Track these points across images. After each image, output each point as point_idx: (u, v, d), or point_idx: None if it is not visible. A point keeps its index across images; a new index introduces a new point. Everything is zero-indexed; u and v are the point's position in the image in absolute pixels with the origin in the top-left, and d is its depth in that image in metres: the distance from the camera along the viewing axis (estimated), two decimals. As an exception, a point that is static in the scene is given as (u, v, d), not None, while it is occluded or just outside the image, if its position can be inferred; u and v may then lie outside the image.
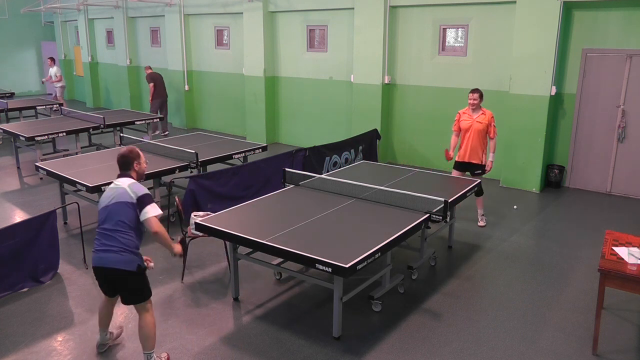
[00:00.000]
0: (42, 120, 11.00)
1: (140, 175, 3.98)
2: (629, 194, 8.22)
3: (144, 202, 3.73)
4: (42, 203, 7.76)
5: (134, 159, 3.92)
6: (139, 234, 3.83)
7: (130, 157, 3.91)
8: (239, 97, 12.79)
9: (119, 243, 3.70)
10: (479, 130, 6.65)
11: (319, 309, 4.86)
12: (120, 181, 3.84)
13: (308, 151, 7.90)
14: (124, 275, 3.74)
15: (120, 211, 3.73)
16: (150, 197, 3.79)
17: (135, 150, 3.97)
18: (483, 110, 6.71)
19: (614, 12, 7.82)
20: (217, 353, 4.19)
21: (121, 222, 3.72)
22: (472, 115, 6.71)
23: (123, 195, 3.74)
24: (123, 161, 3.91)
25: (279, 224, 4.63)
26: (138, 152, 3.98)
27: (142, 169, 3.99)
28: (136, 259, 3.77)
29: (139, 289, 3.84)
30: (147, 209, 3.72)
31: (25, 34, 19.96)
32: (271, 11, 11.56)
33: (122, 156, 3.92)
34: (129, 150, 3.96)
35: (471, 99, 6.64)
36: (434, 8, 9.32)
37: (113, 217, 3.74)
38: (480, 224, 6.96)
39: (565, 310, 4.85)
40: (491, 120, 6.68)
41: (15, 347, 4.25)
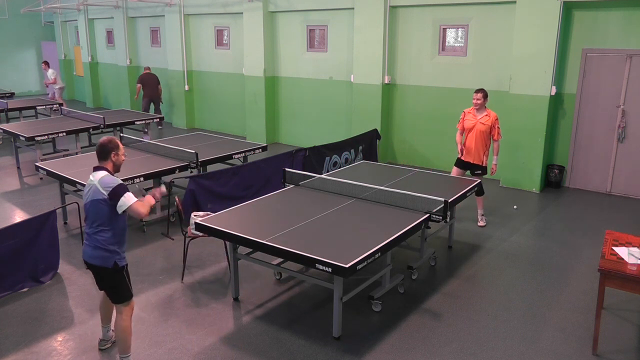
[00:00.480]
0: (42, 120, 11.00)
1: (116, 167, 3.88)
2: (629, 194, 8.22)
3: (117, 195, 3.64)
4: (42, 203, 7.76)
5: (111, 150, 3.82)
6: (118, 229, 3.77)
7: (108, 147, 3.82)
8: (239, 97, 12.80)
9: (96, 241, 3.72)
10: (481, 131, 6.66)
11: (319, 309, 4.86)
12: (93, 175, 3.76)
13: (308, 151, 7.90)
14: (100, 270, 3.79)
15: (94, 210, 3.70)
16: (122, 188, 3.69)
17: (114, 140, 3.87)
18: (488, 111, 6.71)
19: (614, 12, 7.82)
20: (217, 353, 4.19)
21: (96, 221, 3.71)
22: (477, 115, 6.72)
23: (95, 193, 3.67)
24: (100, 150, 3.82)
25: (279, 224, 4.63)
26: (117, 142, 3.88)
27: (120, 160, 3.89)
28: (112, 256, 3.74)
29: (114, 287, 3.84)
30: (122, 201, 3.64)
31: (25, 34, 19.96)
32: (271, 11, 11.56)
33: (100, 145, 3.83)
34: (107, 140, 3.86)
35: (475, 98, 6.67)
36: (434, 8, 9.32)
37: (89, 216, 3.75)
38: (480, 224, 6.96)
39: (565, 310, 4.85)
40: (495, 122, 6.67)
41: (15, 347, 4.25)
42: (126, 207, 3.66)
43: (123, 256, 3.85)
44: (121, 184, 3.73)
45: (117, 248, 3.78)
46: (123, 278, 3.84)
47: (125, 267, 3.86)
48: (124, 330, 3.87)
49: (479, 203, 6.96)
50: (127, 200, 3.65)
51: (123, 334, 3.87)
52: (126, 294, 3.87)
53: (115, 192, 3.64)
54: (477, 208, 7.02)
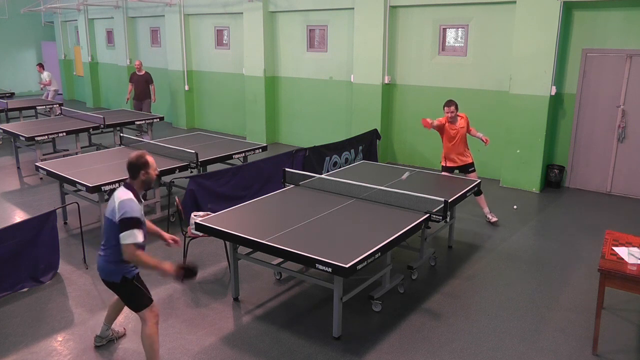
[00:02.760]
0: (42, 120, 11.00)
1: (146, 185, 3.73)
2: (629, 194, 8.22)
3: (122, 227, 3.49)
4: (42, 203, 7.76)
5: (140, 168, 3.65)
6: None
7: (137, 164, 3.65)
8: (239, 97, 12.79)
9: (106, 255, 3.66)
10: (463, 135, 6.93)
11: (319, 309, 4.86)
12: (118, 193, 3.63)
13: (308, 151, 7.90)
14: (110, 285, 3.74)
15: (107, 227, 3.63)
16: (130, 222, 3.50)
17: (144, 157, 3.68)
18: (460, 116, 6.92)
19: (614, 12, 7.81)
20: (217, 353, 4.19)
21: (108, 237, 3.63)
22: (455, 125, 6.89)
23: (112, 212, 3.57)
24: (130, 168, 3.67)
25: (279, 224, 4.63)
26: (146, 160, 3.68)
27: (150, 178, 3.71)
28: (120, 270, 3.65)
29: (128, 298, 3.77)
30: (123, 234, 3.48)
31: (25, 34, 19.97)
32: (271, 11, 11.56)
33: (129, 163, 3.67)
34: (137, 156, 3.67)
35: (449, 112, 6.78)
36: (434, 8, 9.32)
37: (105, 231, 3.69)
38: (492, 220, 7.00)
39: (565, 310, 4.85)
40: (467, 120, 6.97)
41: (15, 347, 4.25)
42: (124, 243, 3.49)
43: (132, 268, 3.71)
44: (134, 217, 3.52)
45: (125, 264, 3.65)
46: (135, 287, 3.72)
47: (135, 277, 3.73)
48: (149, 338, 3.73)
49: (482, 202, 7.00)
50: (125, 238, 3.48)
51: (149, 342, 3.74)
52: (143, 301, 3.74)
53: (122, 223, 3.50)
54: (482, 208, 7.04)
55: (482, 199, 6.97)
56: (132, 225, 3.50)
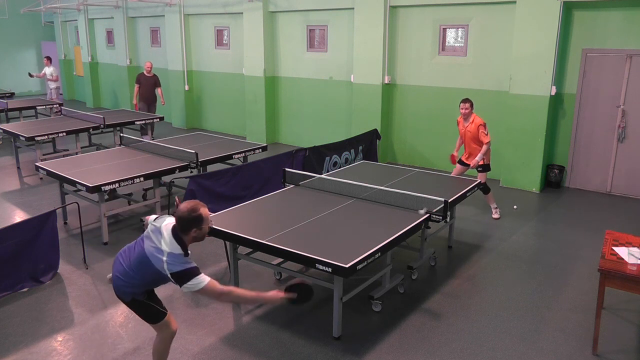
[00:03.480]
0: (42, 120, 11.00)
1: (197, 240, 3.29)
2: (629, 194, 8.22)
3: (182, 280, 3.12)
4: (42, 203, 7.76)
5: (192, 225, 3.18)
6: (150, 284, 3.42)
7: (188, 220, 3.17)
8: (239, 97, 12.79)
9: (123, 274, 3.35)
10: (470, 138, 7.01)
11: (319, 309, 4.86)
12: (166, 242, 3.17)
13: (308, 151, 7.89)
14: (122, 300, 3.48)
15: (147, 267, 3.22)
16: (189, 274, 3.12)
17: (197, 211, 3.19)
18: (473, 118, 6.96)
19: (614, 12, 7.81)
20: (217, 353, 4.19)
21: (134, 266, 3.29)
22: (464, 124, 7.03)
23: (156, 260, 3.17)
24: (180, 221, 3.19)
25: (279, 224, 4.63)
26: (200, 214, 3.19)
27: (202, 234, 3.27)
28: (130, 290, 3.37)
29: (140, 314, 3.52)
30: (188, 285, 3.11)
31: (25, 34, 19.96)
32: (271, 11, 11.56)
33: (180, 217, 3.18)
34: (189, 210, 3.18)
35: (463, 108, 6.93)
36: (434, 8, 9.32)
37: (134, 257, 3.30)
38: (494, 217, 7.20)
39: (565, 310, 4.85)
40: (480, 128, 6.83)
41: (15, 347, 4.25)
42: (198, 289, 3.13)
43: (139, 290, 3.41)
44: (187, 270, 3.14)
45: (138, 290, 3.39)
46: (146, 305, 3.47)
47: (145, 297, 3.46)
48: (159, 353, 3.58)
49: (489, 199, 7.22)
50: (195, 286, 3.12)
51: (158, 356, 3.59)
52: (157, 316, 3.49)
53: (177, 277, 3.12)
54: (490, 204, 7.27)
55: (490, 196, 7.21)
56: (191, 275, 3.13)
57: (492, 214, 7.24)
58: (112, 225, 6.93)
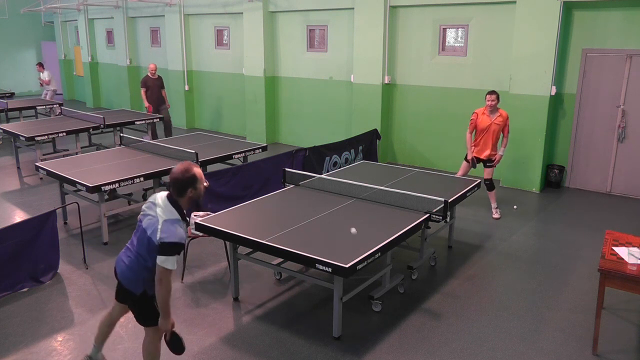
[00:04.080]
0: (42, 120, 11.00)
1: (194, 201, 3.37)
2: (629, 194, 8.22)
3: (162, 251, 3.17)
4: (42, 203, 7.76)
5: (187, 185, 3.25)
6: None
7: (183, 180, 3.24)
8: (239, 97, 12.79)
9: (132, 264, 3.38)
10: (495, 131, 6.98)
11: (319, 309, 4.86)
12: (162, 208, 3.25)
13: (308, 151, 7.89)
14: (128, 292, 3.45)
15: (144, 241, 3.28)
16: (172, 248, 3.17)
17: (190, 171, 3.27)
18: (500, 111, 6.97)
19: (614, 12, 7.82)
20: (217, 353, 4.19)
21: (140, 250, 3.34)
22: (490, 116, 6.96)
23: (152, 226, 3.23)
24: (174, 184, 3.27)
25: (279, 224, 4.63)
26: (194, 174, 3.28)
27: (198, 194, 3.35)
28: (142, 284, 3.37)
29: (140, 312, 3.49)
30: (161, 258, 3.16)
31: (25, 34, 19.96)
32: (271, 11, 11.56)
33: (174, 179, 3.27)
34: (182, 171, 3.26)
35: (489, 100, 6.90)
36: (434, 8, 9.32)
37: (139, 240, 3.35)
38: (495, 216, 7.20)
39: (565, 310, 4.85)
40: (507, 120, 7.00)
41: (15, 347, 4.25)
42: (161, 267, 3.17)
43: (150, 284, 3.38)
44: (178, 244, 3.18)
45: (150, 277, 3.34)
46: (151, 306, 3.42)
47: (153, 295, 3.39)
48: (151, 354, 3.55)
49: (492, 197, 7.24)
50: (162, 261, 3.16)
51: (150, 357, 3.55)
52: (153, 320, 3.43)
53: (163, 247, 3.17)
54: (491, 202, 7.27)
55: (493, 194, 7.22)
56: (173, 252, 3.18)
57: (493, 213, 7.24)
58: (112, 225, 6.93)
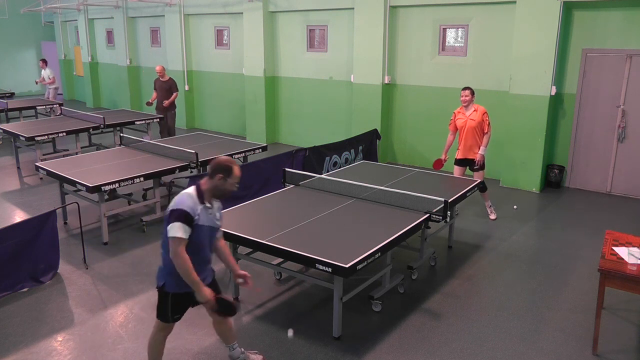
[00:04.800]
0: (42, 120, 11.00)
1: (217, 192, 3.39)
2: (629, 194, 8.22)
3: (168, 219, 3.23)
4: (42, 203, 7.76)
5: (220, 171, 3.32)
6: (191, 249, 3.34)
7: (219, 166, 3.34)
8: (239, 97, 12.79)
9: (162, 259, 3.44)
10: (472, 128, 6.83)
11: (319, 309, 4.86)
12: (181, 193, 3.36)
13: (308, 151, 7.89)
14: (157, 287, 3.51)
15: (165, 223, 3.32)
16: (176, 215, 3.20)
17: (231, 164, 3.35)
18: (475, 107, 6.85)
19: (614, 12, 7.81)
20: (217, 353, 4.19)
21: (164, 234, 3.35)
22: (466, 113, 6.87)
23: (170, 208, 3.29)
24: (212, 166, 3.39)
25: (279, 224, 4.63)
26: (232, 167, 3.34)
27: (225, 187, 3.36)
28: (165, 276, 3.39)
29: (158, 304, 3.53)
30: (168, 227, 3.21)
31: (25, 34, 19.96)
32: (271, 11, 11.56)
33: (215, 162, 3.39)
34: (225, 160, 3.40)
35: (462, 95, 6.83)
36: (434, 8, 9.32)
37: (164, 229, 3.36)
38: (491, 217, 7.12)
39: (565, 310, 4.85)
40: (484, 116, 6.80)
41: (15, 347, 4.25)
42: (168, 236, 3.21)
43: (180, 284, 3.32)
44: (179, 209, 3.22)
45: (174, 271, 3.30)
46: (166, 303, 3.45)
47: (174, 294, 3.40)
48: (154, 346, 3.66)
49: (485, 197, 7.14)
50: (170, 230, 3.19)
51: (153, 349, 3.66)
52: (164, 315, 3.51)
53: (172, 214, 3.22)
54: (485, 202, 7.19)
55: (487, 195, 7.14)
56: (176, 218, 3.17)
57: (489, 214, 7.15)
58: (112, 225, 6.93)
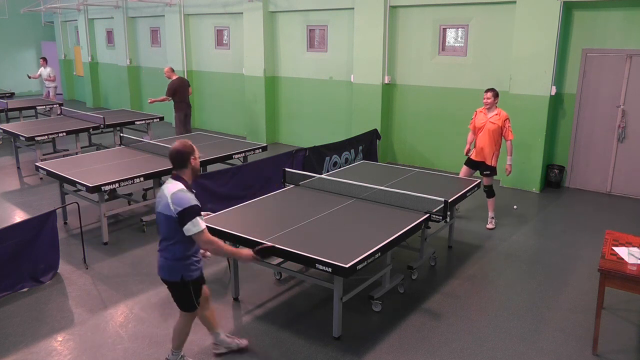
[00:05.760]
0: (42, 120, 11.00)
1: (194, 173, 3.60)
2: (629, 194, 8.22)
3: (184, 219, 3.35)
4: (42, 203, 7.76)
5: (190, 154, 3.51)
6: (190, 242, 3.49)
7: (184, 151, 3.50)
8: (239, 97, 12.79)
9: (167, 253, 3.54)
10: (491, 131, 6.65)
11: (319, 309, 4.86)
12: (168, 187, 3.47)
13: (308, 151, 7.89)
14: (169, 284, 3.67)
15: (164, 223, 3.46)
16: (191, 212, 3.36)
17: (189, 143, 3.57)
18: (498, 111, 6.69)
19: (614, 12, 7.81)
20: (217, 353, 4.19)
21: (167, 233, 3.49)
22: (487, 114, 6.71)
23: (166, 207, 3.41)
24: (177, 157, 3.51)
25: (279, 224, 4.63)
26: (192, 145, 3.57)
27: (197, 165, 3.59)
28: (180, 269, 3.53)
29: (177, 297, 3.70)
30: (187, 226, 3.35)
31: (25, 34, 19.96)
32: (271, 11, 11.56)
33: (176, 151, 3.52)
34: (183, 144, 3.54)
35: (485, 97, 6.65)
36: (434, 8, 9.32)
37: (161, 227, 3.52)
38: (488, 227, 6.86)
39: (565, 310, 4.85)
40: (505, 122, 6.63)
41: (15, 347, 4.25)
42: (192, 234, 3.38)
43: (194, 269, 3.58)
44: (194, 205, 3.39)
45: (187, 261, 3.53)
46: (188, 292, 3.62)
47: (192, 281, 3.60)
48: (182, 330, 3.81)
49: (490, 205, 6.89)
50: (191, 229, 3.37)
51: (181, 331, 3.81)
52: (190, 306, 3.70)
53: (182, 215, 3.35)
54: (488, 210, 6.94)
55: (492, 202, 6.87)
56: (192, 215, 3.36)
57: (487, 223, 6.90)
58: (112, 225, 6.93)
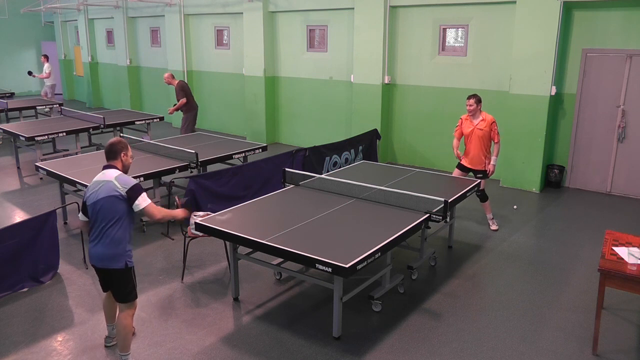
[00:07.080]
0: (42, 120, 11.00)
1: (125, 168, 3.96)
2: (629, 194, 8.22)
3: (134, 195, 3.74)
4: (42, 203, 7.76)
5: (121, 149, 3.92)
6: (130, 227, 3.85)
7: (118, 147, 3.91)
8: (239, 97, 12.79)
9: (109, 239, 3.73)
10: (479, 137, 6.57)
11: (319, 309, 4.86)
12: (106, 174, 3.81)
13: (308, 151, 7.90)
14: (111, 272, 3.82)
15: (109, 206, 3.71)
16: (138, 188, 3.80)
17: (124, 141, 3.98)
18: (483, 116, 6.58)
19: (614, 12, 7.82)
20: (217, 353, 4.19)
21: (111, 218, 3.72)
22: (473, 121, 6.61)
23: (109, 190, 3.71)
24: (110, 150, 3.90)
25: (279, 224, 4.63)
26: (126, 143, 3.99)
27: (128, 161, 3.98)
28: (123, 255, 3.79)
29: (122, 287, 3.86)
30: (138, 201, 3.75)
31: (25, 34, 19.95)
32: (271, 11, 11.56)
33: (110, 145, 3.91)
34: (117, 140, 3.96)
35: (467, 104, 6.55)
36: (434, 8, 9.32)
37: (101, 214, 3.73)
38: (493, 228, 6.82)
39: (565, 310, 4.85)
40: (492, 125, 6.56)
41: (15, 347, 4.25)
42: (141, 208, 3.77)
43: (131, 255, 3.88)
44: (138, 183, 3.83)
45: (128, 247, 3.83)
46: (131, 279, 3.89)
47: (133, 268, 3.90)
48: (125, 328, 3.89)
49: (486, 208, 6.87)
50: (142, 203, 3.77)
51: (124, 332, 3.89)
52: (133, 294, 3.91)
53: (131, 192, 3.74)
54: (486, 214, 6.93)
55: (487, 205, 6.84)
56: (140, 190, 3.79)
57: (490, 225, 6.89)
58: (112, 225, 6.92)
